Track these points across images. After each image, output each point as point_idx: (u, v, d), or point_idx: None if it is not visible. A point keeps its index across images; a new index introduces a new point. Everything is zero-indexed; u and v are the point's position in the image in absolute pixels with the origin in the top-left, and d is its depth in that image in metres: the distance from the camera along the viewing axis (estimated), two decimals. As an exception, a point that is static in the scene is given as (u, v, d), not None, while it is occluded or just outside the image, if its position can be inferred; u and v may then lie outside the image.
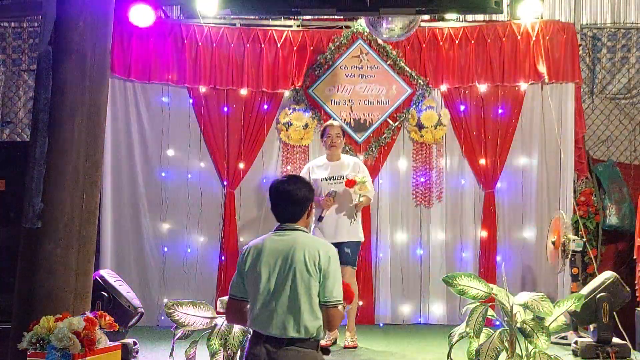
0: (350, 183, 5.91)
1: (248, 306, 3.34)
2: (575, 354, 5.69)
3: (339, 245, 5.87)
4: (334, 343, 6.01)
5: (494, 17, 7.25)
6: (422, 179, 7.20)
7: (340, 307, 3.28)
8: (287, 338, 3.18)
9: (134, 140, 7.12)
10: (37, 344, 3.89)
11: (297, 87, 7.16)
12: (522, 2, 6.81)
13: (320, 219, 5.87)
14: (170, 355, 4.51)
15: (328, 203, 5.86)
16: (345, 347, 5.90)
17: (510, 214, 7.28)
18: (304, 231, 3.38)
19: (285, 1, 5.34)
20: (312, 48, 7.19)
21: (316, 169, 6.13)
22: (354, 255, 5.99)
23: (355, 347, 5.92)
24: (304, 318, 3.18)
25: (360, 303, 6.77)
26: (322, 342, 5.87)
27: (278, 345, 3.18)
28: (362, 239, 6.15)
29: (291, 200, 3.35)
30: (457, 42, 7.19)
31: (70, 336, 3.82)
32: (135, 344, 5.55)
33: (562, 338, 6.06)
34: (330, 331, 3.55)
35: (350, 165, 6.08)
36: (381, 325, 7.09)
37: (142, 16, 6.74)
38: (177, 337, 4.43)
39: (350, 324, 6.00)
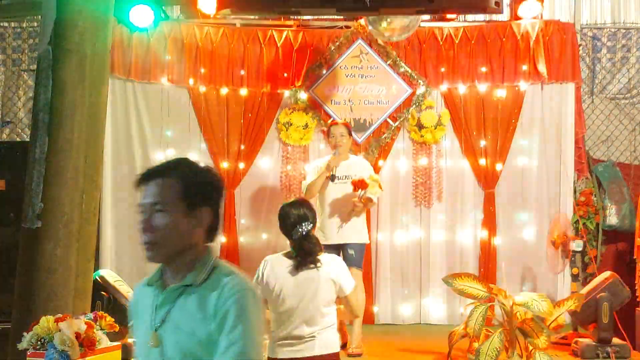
0: (361, 185, 5.68)
1: None
2: (575, 354, 5.68)
3: (342, 247, 5.81)
4: (344, 346, 5.79)
5: (494, 17, 7.25)
6: (422, 179, 7.19)
7: None
8: None
9: (134, 140, 7.11)
10: (37, 344, 3.89)
11: (297, 87, 7.15)
12: (522, 2, 6.82)
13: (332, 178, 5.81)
14: (170, 355, 4.50)
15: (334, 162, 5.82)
16: (349, 355, 5.66)
17: (510, 214, 7.27)
18: None
19: (285, 1, 5.34)
20: (312, 48, 7.19)
21: (323, 168, 5.92)
22: (359, 256, 5.82)
23: (360, 355, 5.67)
24: None
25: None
26: None
27: None
28: (367, 241, 6.02)
29: None
30: (457, 42, 7.18)
31: (72, 340, 3.81)
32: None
33: (562, 338, 6.05)
34: None
35: (358, 167, 5.92)
36: None
37: (142, 16, 6.74)
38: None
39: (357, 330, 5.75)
